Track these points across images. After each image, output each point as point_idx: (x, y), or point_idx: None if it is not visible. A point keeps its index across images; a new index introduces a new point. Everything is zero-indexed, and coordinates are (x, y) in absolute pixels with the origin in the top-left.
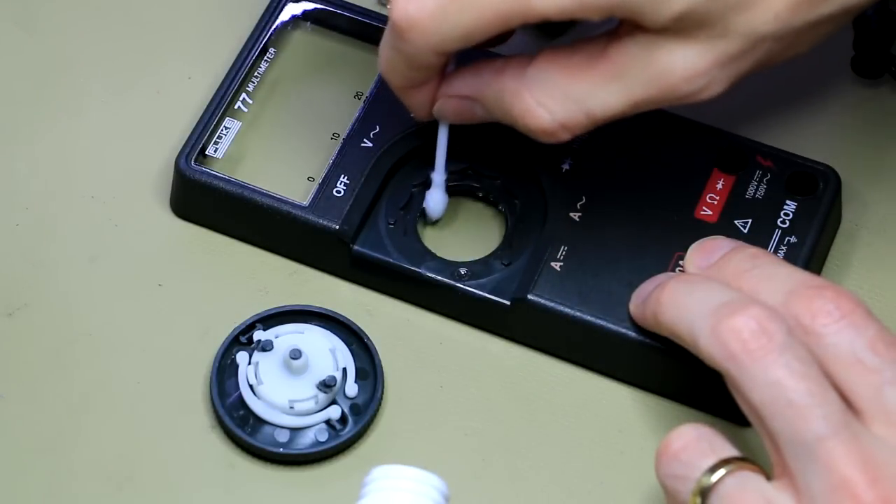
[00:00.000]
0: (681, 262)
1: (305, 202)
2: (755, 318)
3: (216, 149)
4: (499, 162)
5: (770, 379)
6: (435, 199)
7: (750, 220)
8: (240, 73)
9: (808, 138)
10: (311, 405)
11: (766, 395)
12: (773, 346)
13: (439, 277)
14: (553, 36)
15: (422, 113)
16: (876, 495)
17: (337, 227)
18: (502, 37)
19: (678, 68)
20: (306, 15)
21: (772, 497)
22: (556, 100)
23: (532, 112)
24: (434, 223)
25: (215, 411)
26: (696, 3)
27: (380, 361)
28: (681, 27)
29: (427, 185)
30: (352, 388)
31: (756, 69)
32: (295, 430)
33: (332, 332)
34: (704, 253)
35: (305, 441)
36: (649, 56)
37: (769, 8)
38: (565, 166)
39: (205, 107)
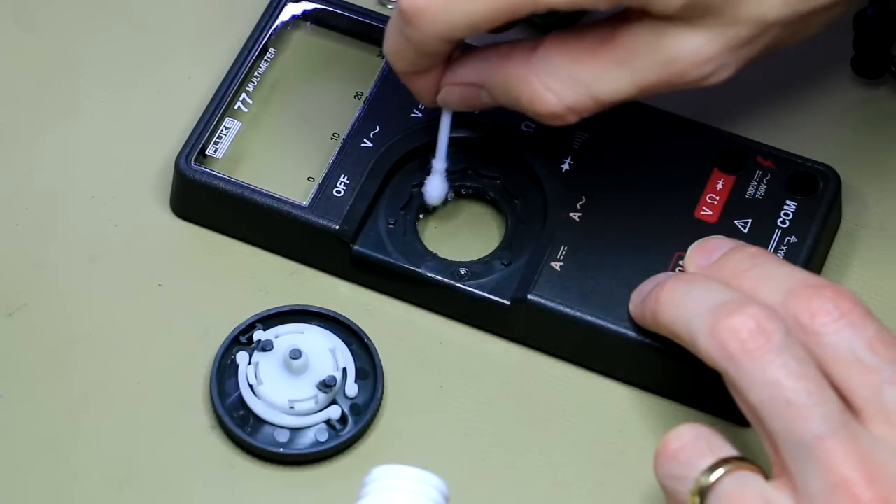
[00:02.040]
0: (681, 262)
1: (305, 202)
2: (753, 317)
3: (216, 149)
4: (499, 162)
5: (768, 379)
6: (434, 186)
7: (750, 220)
8: (240, 73)
9: (808, 138)
10: (311, 405)
11: (765, 395)
12: (771, 346)
13: (439, 277)
14: (545, 31)
15: (427, 98)
16: (874, 495)
17: (337, 227)
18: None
19: (687, 54)
20: (306, 15)
21: (770, 497)
22: (563, 84)
23: (540, 96)
24: (432, 211)
25: (215, 411)
26: None
27: (380, 361)
28: (690, 14)
29: (428, 173)
30: (352, 388)
31: (764, 53)
32: (295, 430)
33: (332, 332)
34: (704, 252)
35: (305, 441)
36: (657, 41)
37: None
38: (565, 166)
39: (205, 107)
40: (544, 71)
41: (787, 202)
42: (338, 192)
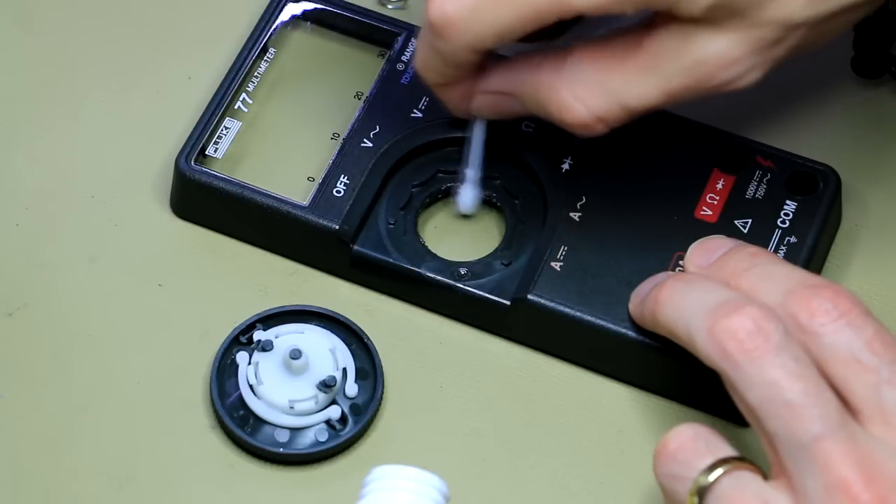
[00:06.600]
0: (681, 262)
1: (305, 202)
2: (751, 317)
3: (216, 149)
4: (499, 162)
5: (766, 379)
6: (467, 196)
7: (750, 220)
8: (240, 73)
9: (808, 138)
10: (311, 405)
11: (763, 396)
12: (769, 347)
13: (439, 277)
14: (552, 37)
15: (459, 109)
16: (872, 495)
17: (337, 227)
18: (536, 34)
19: (714, 57)
20: (306, 15)
21: (769, 497)
22: (593, 94)
23: (570, 106)
24: (465, 217)
25: (215, 411)
26: None
27: (380, 361)
28: (715, 17)
29: (430, 174)
30: (352, 388)
31: (791, 55)
32: (295, 430)
33: (332, 332)
34: (704, 252)
35: (305, 441)
36: (685, 46)
37: None
38: (565, 166)
39: (205, 107)
40: (574, 80)
41: (787, 202)
42: (338, 192)
